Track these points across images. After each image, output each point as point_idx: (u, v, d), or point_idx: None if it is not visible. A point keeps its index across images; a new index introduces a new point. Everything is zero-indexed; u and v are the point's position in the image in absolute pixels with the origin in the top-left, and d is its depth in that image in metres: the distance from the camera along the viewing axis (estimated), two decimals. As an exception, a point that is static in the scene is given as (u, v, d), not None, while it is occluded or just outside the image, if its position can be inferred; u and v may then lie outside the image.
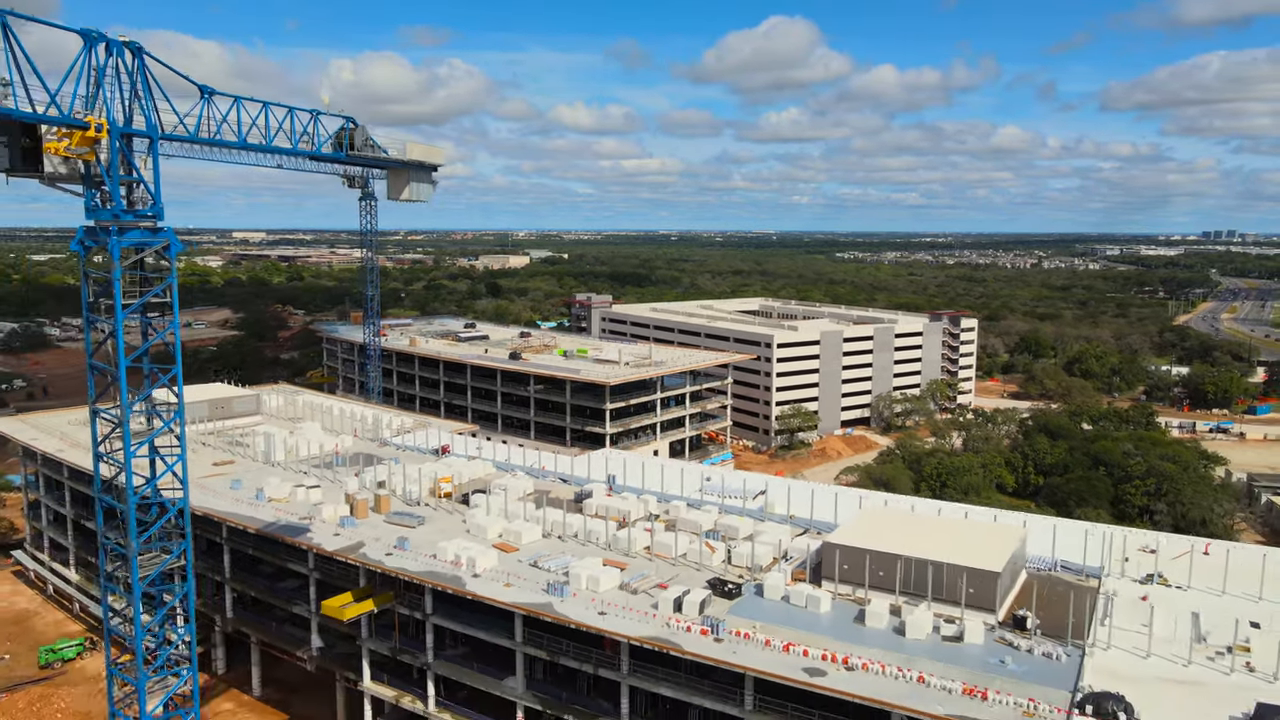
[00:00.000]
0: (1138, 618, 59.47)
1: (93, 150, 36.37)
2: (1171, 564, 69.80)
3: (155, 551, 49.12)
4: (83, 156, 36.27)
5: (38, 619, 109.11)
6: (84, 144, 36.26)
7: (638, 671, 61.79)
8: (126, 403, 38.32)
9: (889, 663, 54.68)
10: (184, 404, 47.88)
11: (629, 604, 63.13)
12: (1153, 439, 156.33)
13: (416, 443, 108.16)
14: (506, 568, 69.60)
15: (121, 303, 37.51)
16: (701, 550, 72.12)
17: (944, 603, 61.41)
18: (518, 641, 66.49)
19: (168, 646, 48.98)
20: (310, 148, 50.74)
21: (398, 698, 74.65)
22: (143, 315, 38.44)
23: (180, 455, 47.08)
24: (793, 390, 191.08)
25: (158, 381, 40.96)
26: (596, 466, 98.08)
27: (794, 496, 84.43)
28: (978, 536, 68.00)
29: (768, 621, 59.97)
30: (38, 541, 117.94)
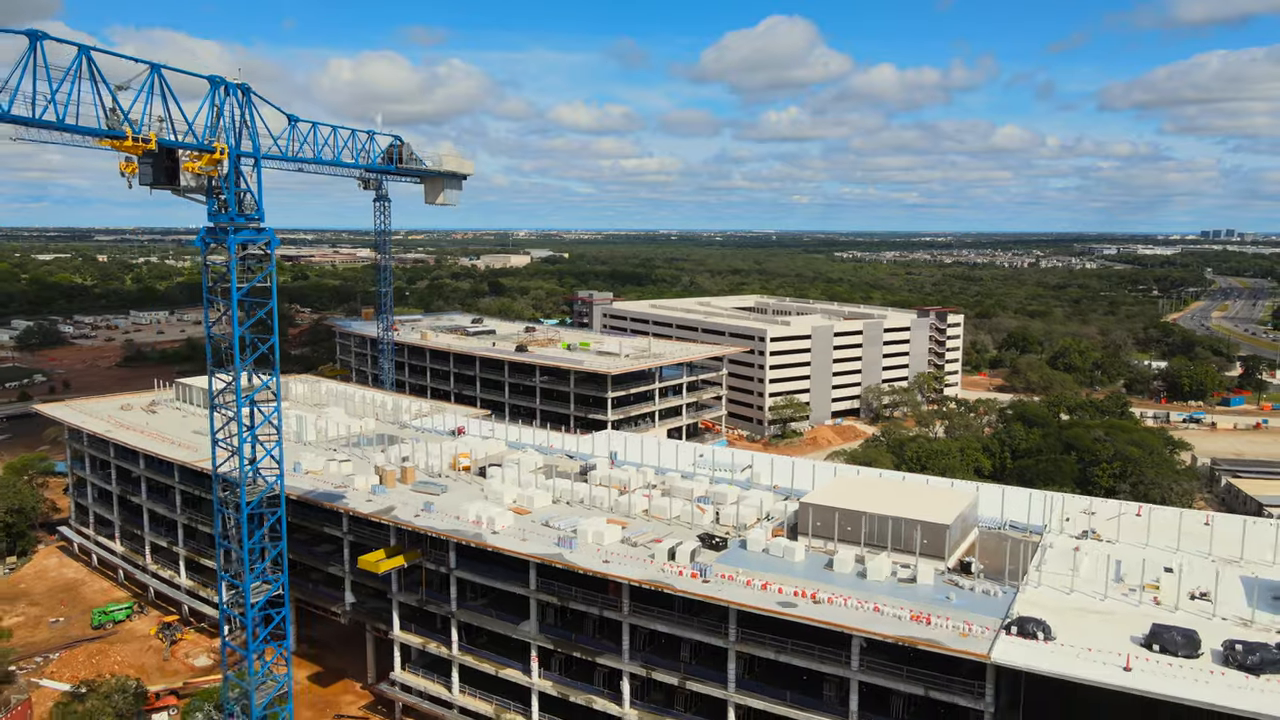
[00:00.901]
0: (1068, 564, 68.92)
1: (215, 168, 45.85)
2: (1106, 523, 79.38)
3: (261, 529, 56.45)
4: (208, 173, 45.70)
5: (85, 587, 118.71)
6: (210, 164, 45.69)
7: (637, 612, 71.26)
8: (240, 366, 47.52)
9: (851, 598, 64.20)
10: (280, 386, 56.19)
11: (629, 554, 72.64)
12: (1122, 426, 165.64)
13: (434, 425, 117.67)
14: (522, 526, 79.10)
15: (237, 284, 46.94)
16: (693, 512, 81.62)
17: (901, 552, 70.98)
18: (532, 589, 75.98)
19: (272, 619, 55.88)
20: (367, 161, 60.46)
21: (424, 644, 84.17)
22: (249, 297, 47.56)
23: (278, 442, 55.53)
24: (785, 382, 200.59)
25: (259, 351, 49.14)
26: (600, 445, 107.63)
27: (777, 469, 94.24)
28: (933, 497, 77.67)
29: (749, 568, 69.49)
30: (82, 518, 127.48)
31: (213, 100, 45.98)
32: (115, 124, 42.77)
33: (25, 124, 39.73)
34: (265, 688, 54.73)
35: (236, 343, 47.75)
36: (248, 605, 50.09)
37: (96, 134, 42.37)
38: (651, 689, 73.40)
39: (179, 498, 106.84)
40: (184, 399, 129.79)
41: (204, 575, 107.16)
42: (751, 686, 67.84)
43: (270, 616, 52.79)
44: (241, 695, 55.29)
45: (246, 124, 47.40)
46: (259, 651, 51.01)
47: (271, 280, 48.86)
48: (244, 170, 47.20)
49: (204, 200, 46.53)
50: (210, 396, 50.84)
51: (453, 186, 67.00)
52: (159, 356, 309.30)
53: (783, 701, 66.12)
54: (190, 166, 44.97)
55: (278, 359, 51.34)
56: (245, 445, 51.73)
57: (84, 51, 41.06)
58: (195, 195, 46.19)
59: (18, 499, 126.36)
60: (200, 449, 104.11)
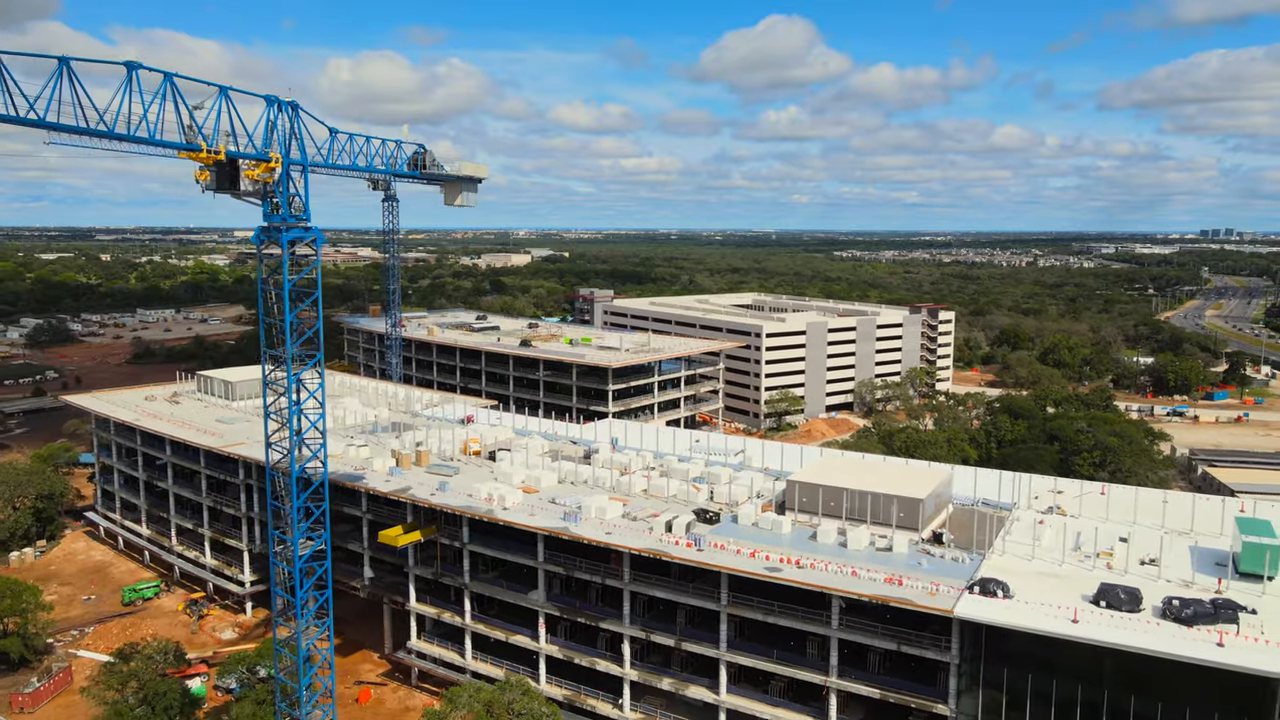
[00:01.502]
0: (1031, 535, 75.23)
1: (270, 175, 51.99)
2: (1071, 500, 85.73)
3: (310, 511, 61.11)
4: (264, 180, 51.87)
5: (113, 568, 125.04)
6: (266, 172, 51.83)
7: (636, 580, 77.53)
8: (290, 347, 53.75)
9: (832, 564, 70.48)
10: (324, 376, 62.03)
11: (630, 527, 78.91)
12: (1104, 418, 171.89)
13: (444, 414, 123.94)
14: (530, 503, 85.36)
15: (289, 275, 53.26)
16: (689, 491, 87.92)
17: (880, 524, 77.25)
18: (539, 561, 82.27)
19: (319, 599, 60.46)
20: (395, 166, 66.80)
21: (439, 614, 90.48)
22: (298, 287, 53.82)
23: (321, 429, 61.35)
24: (780, 376, 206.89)
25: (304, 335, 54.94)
26: (601, 432, 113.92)
27: (768, 454, 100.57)
28: (910, 476, 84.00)
29: (740, 539, 75.81)
30: (108, 503, 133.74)
31: (267, 116, 52.33)
32: (193, 139, 49.12)
33: (121, 139, 46.06)
34: (312, 648, 60.31)
35: (288, 326, 54.03)
36: (295, 556, 56.03)
37: (179, 148, 48.72)
38: (650, 651, 79.72)
39: (204, 482, 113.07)
40: (205, 390, 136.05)
41: (228, 555, 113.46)
42: (741, 646, 74.13)
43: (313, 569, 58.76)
44: (289, 666, 60.81)
45: (295, 136, 53.74)
46: (305, 599, 56.93)
47: (317, 272, 55.18)
48: (293, 176, 53.45)
49: (259, 203, 52.78)
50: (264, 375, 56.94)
51: (469, 189, 73.36)
52: (167, 354, 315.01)
53: (769, 659, 72.46)
54: (250, 174, 51.21)
55: (321, 341, 57.52)
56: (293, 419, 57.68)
57: (169, 78, 47.37)
58: (252, 199, 52.39)
59: (47, 486, 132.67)
60: (225, 435, 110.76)
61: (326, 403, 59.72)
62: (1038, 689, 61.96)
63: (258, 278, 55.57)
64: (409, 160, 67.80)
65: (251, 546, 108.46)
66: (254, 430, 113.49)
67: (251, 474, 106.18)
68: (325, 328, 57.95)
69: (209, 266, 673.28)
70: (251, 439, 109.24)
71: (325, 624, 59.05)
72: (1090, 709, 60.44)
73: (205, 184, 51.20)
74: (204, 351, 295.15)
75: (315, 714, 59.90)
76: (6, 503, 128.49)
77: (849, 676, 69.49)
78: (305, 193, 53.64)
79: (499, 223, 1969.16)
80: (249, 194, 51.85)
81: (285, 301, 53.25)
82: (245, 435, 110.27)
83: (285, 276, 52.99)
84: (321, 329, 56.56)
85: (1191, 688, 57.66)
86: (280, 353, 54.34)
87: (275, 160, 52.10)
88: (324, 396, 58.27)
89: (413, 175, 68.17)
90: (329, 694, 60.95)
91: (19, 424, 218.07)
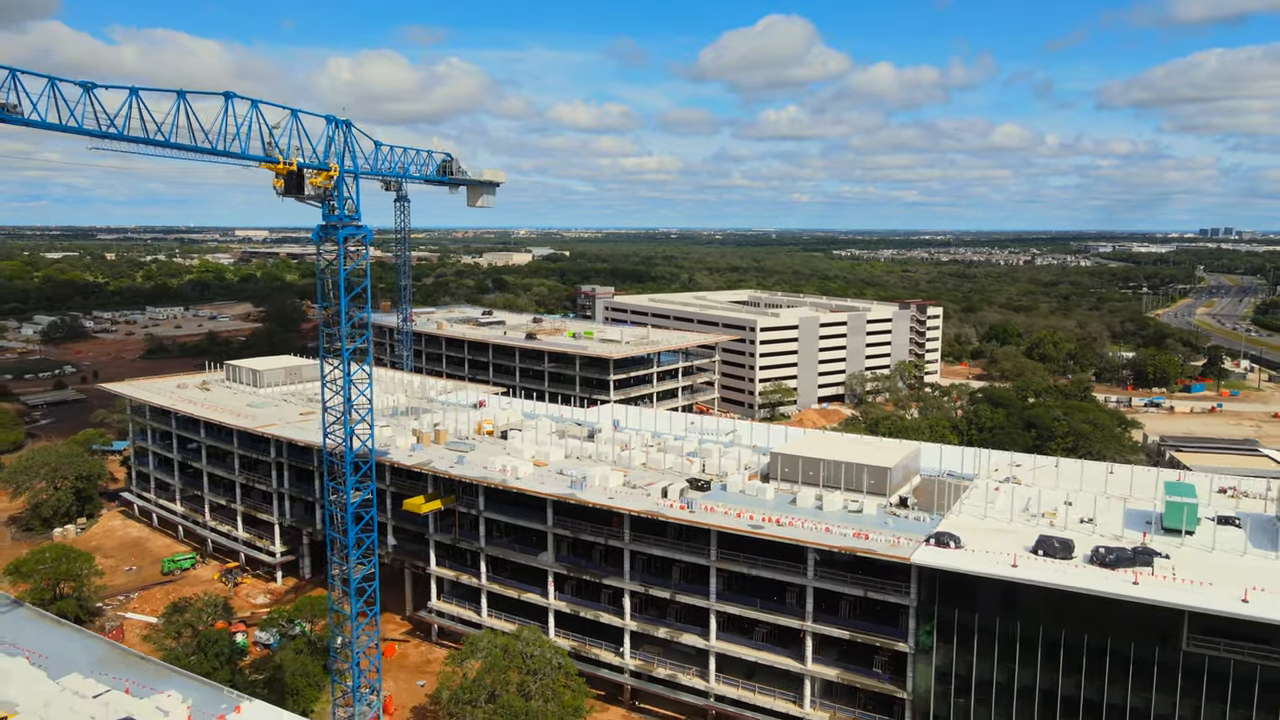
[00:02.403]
0: (986, 500, 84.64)
1: (329, 182, 61.20)
2: (1027, 472, 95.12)
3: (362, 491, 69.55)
4: (324, 186, 61.12)
5: (150, 543, 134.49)
6: (326, 179, 61.01)
7: (636, 540, 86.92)
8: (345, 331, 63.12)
9: (808, 522, 79.88)
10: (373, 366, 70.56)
11: (630, 494, 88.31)
12: (1080, 408, 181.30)
13: (458, 399, 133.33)
14: (540, 474, 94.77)
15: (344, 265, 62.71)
16: (683, 464, 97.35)
17: (853, 491, 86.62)
18: (549, 525, 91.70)
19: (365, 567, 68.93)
20: (427, 173, 76.14)
21: (457, 576, 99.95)
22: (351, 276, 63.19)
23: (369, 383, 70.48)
24: (774, 369, 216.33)
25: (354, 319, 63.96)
26: (604, 414, 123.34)
27: (756, 433, 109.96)
28: (880, 449, 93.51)
29: (728, 503, 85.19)
30: (143, 484, 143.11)
31: (327, 132, 61.75)
32: (272, 153, 58.43)
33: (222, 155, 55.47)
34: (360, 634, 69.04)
35: (344, 311, 63.41)
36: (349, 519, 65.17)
37: (261, 160, 58.06)
38: (648, 604, 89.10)
39: (238, 462, 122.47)
40: (233, 378, 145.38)
41: (259, 528, 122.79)
42: (729, 597, 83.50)
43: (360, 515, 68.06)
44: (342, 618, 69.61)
45: (348, 148, 62.94)
46: (358, 560, 66.19)
47: (366, 264, 64.60)
48: (347, 182, 62.64)
49: (319, 205, 61.96)
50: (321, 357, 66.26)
51: (489, 192, 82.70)
52: (179, 349, 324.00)
53: (754, 607, 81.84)
54: (313, 181, 60.40)
55: (369, 323, 66.85)
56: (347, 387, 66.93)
57: (254, 105, 56.76)
58: (314, 202, 61.57)
59: (85, 468, 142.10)
60: (257, 418, 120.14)
61: (350, 389, 68.58)
62: (984, 626, 71.34)
63: (316, 270, 64.90)
64: (439, 167, 77.16)
65: (282, 520, 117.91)
66: (283, 414, 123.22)
67: (283, 452, 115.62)
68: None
69: (214, 265, 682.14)
70: (283, 421, 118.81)
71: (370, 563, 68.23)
72: (1028, 642, 69.83)
73: (279, 190, 60.56)
74: (216, 347, 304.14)
75: (363, 660, 69.06)
76: (49, 483, 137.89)
77: (823, 621, 78.86)
78: (356, 196, 63.07)
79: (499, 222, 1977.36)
80: (311, 198, 61.11)
81: (341, 288, 62.69)
82: (276, 418, 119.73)
83: (341, 266, 62.42)
84: (370, 312, 65.96)
85: (1113, 622, 67.00)
86: (336, 331, 63.64)
87: (334, 169, 61.44)
88: (371, 371, 67.61)
89: (442, 180, 77.55)
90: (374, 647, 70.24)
91: (43, 415, 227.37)
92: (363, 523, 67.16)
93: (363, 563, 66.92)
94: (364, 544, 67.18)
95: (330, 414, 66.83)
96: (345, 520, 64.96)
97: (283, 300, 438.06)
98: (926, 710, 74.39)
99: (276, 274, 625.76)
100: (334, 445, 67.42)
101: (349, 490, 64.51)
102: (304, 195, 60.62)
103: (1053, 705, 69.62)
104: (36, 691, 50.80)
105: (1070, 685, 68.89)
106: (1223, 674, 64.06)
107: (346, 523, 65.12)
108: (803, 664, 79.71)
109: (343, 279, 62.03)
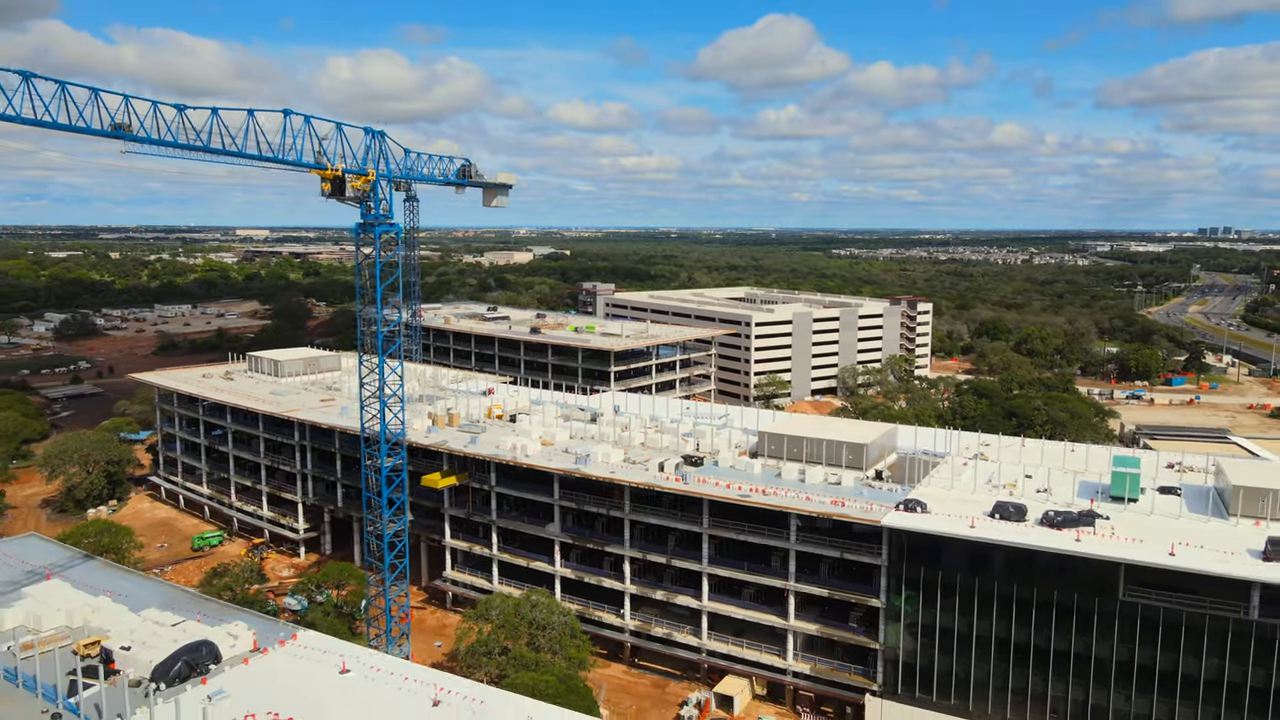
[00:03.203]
0: (954, 474, 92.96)
1: (366, 185, 69.52)
2: (995, 451, 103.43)
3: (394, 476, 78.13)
4: (363, 189, 69.47)
5: (178, 523, 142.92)
6: (364, 183, 69.32)
7: (635, 511, 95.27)
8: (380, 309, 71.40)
9: (791, 492, 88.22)
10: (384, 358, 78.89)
11: (630, 468, 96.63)
12: (1060, 398, 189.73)
13: (468, 388, 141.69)
14: (547, 452, 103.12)
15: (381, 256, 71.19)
16: (679, 443, 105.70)
17: (833, 466, 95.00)
18: (555, 498, 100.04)
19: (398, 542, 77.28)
20: (449, 176, 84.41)
21: (470, 547, 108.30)
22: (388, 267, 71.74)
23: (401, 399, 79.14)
24: (769, 362, 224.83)
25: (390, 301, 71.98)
26: (605, 401, 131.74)
27: (746, 417, 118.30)
28: (858, 428, 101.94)
29: (719, 476, 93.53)
30: (170, 468, 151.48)
31: (365, 143, 70.07)
32: (321, 160, 66.80)
33: (280, 163, 63.88)
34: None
35: (379, 298, 71.79)
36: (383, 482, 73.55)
37: (312, 167, 66.43)
38: (646, 569, 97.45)
39: (263, 445, 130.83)
40: (255, 369, 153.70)
41: (283, 507, 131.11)
42: (719, 561, 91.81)
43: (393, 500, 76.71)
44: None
45: (383, 155, 71.22)
46: (391, 516, 74.71)
47: (397, 258, 73.05)
48: (381, 185, 70.92)
49: (357, 205, 70.22)
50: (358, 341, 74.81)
51: (503, 194, 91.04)
52: (190, 346, 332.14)
53: (741, 570, 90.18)
54: (354, 184, 68.69)
55: (401, 307, 75.32)
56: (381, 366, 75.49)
57: (306, 120, 65.08)
58: (353, 202, 69.88)
59: (115, 453, 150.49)
60: (281, 404, 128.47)
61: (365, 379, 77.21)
62: (946, 582, 79.60)
63: (355, 262, 73.35)
64: (459, 170, 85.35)
65: (305, 499, 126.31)
66: (304, 400, 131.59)
67: (306, 435, 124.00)
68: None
69: (219, 264, 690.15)
70: (304, 407, 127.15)
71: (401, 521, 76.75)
72: (985, 595, 78.14)
73: (325, 193, 68.87)
74: (226, 343, 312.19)
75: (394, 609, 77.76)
76: (82, 467, 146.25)
77: (804, 581, 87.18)
78: (390, 198, 71.35)
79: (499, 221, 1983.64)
80: (351, 199, 69.43)
81: (377, 276, 71.13)
82: (298, 404, 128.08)
83: (377, 256, 70.84)
84: (402, 296, 74.43)
85: (1059, 576, 75.31)
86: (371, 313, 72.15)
87: (371, 174, 69.71)
88: (402, 353, 76.17)
89: (462, 183, 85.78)
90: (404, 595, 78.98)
91: (63, 407, 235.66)
92: (394, 485, 75.58)
93: (394, 520, 75.36)
94: (395, 504, 75.59)
95: (366, 388, 75.09)
96: (380, 483, 73.35)
97: (288, 298, 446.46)
98: (895, 658, 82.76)
99: (280, 272, 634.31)
100: (369, 416, 75.80)
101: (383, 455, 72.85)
102: (345, 197, 69.03)
103: (1006, 651, 77.97)
104: (122, 621, 59.05)
105: (1022, 633, 77.25)
106: (1154, 620, 72.37)
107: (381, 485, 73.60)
108: (786, 620, 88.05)
109: (379, 267, 70.42)
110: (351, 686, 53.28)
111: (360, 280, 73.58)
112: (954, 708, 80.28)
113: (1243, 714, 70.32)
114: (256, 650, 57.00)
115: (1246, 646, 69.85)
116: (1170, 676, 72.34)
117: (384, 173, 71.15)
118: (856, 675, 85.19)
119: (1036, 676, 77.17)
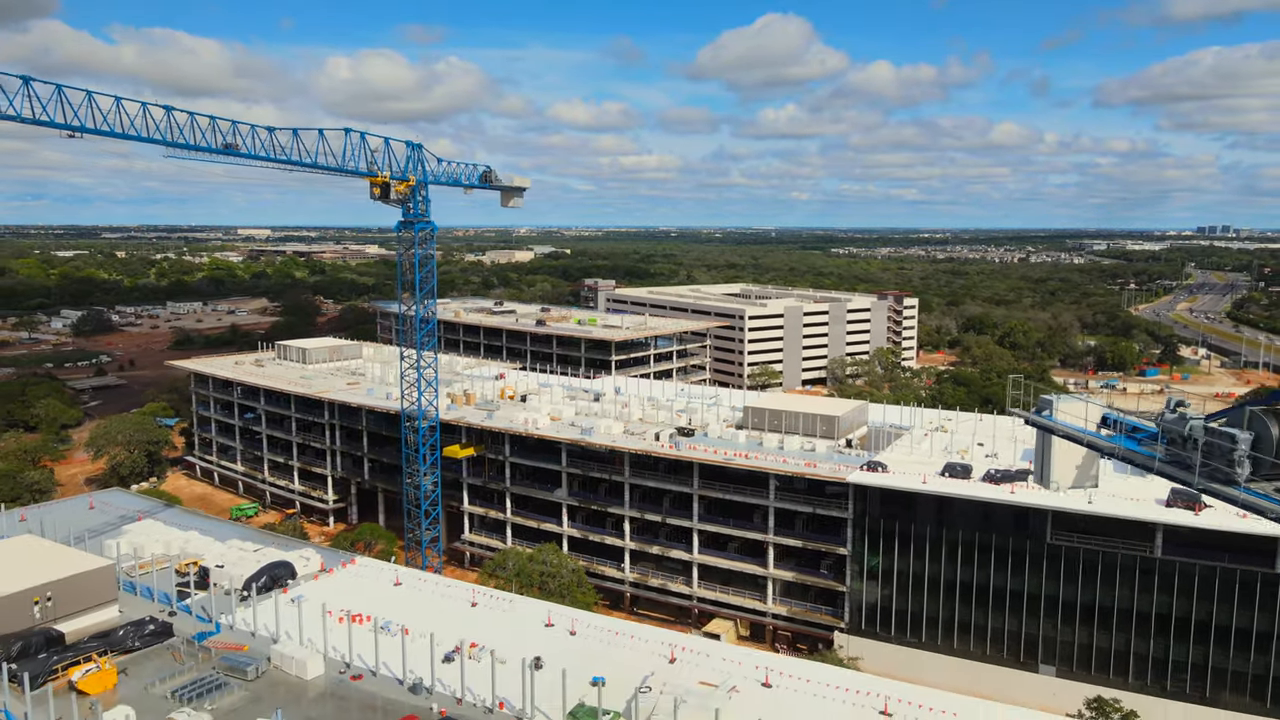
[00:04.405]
0: (915, 443, 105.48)
1: (408, 189, 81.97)
2: (957, 425, 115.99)
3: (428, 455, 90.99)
4: (404, 193, 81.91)
5: (214, 497, 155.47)
6: (406, 188, 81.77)
7: (634, 475, 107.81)
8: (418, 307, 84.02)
9: (771, 457, 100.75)
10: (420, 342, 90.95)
11: (629, 438, 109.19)
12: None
13: (481, 373, 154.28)
14: (555, 426, 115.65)
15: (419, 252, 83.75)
16: (674, 417, 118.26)
17: (809, 435, 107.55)
18: (563, 466, 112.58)
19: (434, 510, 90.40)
20: (473, 180, 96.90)
21: (486, 512, 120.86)
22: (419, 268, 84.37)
23: (435, 386, 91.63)
24: (761, 354, 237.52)
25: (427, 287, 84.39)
26: (607, 383, 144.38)
27: (735, 397, 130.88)
28: (832, 403, 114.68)
29: (708, 445, 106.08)
30: (205, 448, 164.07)
31: (406, 152, 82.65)
32: (373, 168, 79.31)
33: (340, 170, 76.49)
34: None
35: (417, 288, 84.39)
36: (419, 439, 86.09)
37: (366, 175, 78.83)
38: (643, 527, 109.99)
39: (294, 424, 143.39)
40: (283, 357, 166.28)
41: (313, 481, 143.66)
42: (708, 519, 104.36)
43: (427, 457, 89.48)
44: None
45: (421, 162, 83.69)
46: (427, 470, 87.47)
47: (432, 252, 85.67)
48: (419, 189, 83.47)
49: (398, 206, 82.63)
50: (398, 326, 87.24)
51: (517, 196, 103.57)
52: (205, 341, 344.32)
53: (727, 525, 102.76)
54: (398, 188, 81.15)
55: (435, 293, 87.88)
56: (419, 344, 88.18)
57: (362, 136, 77.82)
58: (395, 204, 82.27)
59: (156, 434, 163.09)
60: (311, 386, 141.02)
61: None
62: (902, 531, 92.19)
63: (397, 260, 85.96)
64: (481, 175, 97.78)
65: (334, 473, 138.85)
66: (331, 384, 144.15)
67: (335, 414, 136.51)
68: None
69: (224, 263, 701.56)
70: (333, 389, 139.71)
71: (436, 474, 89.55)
72: (935, 542, 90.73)
73: (374, 196, 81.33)
74: (239, 338, 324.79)
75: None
76: (124, 447, 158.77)
77: (782, 534, 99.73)
78: (427, 200, 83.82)
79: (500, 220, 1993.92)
80: (394, 201, 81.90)
81: (416, 268, 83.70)
82: (326, 386, 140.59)
83: (416, 250, 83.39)
84: (435, 287, 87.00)
85: (996, 523, 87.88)
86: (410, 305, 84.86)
87: (412, 179, 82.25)
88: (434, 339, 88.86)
89: (484, 186, 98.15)
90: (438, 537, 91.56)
91: (90, 398, 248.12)
92: (429, 443, 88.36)
93: (430, 474, 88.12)
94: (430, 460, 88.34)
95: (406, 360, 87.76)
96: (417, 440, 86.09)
97: (297, 295, 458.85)
98: (860, 600, 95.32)
99: (287, 270, 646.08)
100: (409, 384, 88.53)
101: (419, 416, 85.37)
102: (390, 199, 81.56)
103: (953, 591, 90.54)
104: (211, 549, 71.46)
105: (966, 574, 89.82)
106: (1075, 560, 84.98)
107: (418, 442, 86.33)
108: (766, 569, 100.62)
109: (418, 260, 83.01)
110: (404, 594, 65.85)
111: (400, 271, 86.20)
112: (910, 640, 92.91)
113: (1148, 638, 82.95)
114: (324, 570, 69.56)
115: (1152, 580, 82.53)
116: (1089, 608, 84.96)
117: (421, 178, 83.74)
118: (827, 615, 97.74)
119: (978, 611, 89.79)
